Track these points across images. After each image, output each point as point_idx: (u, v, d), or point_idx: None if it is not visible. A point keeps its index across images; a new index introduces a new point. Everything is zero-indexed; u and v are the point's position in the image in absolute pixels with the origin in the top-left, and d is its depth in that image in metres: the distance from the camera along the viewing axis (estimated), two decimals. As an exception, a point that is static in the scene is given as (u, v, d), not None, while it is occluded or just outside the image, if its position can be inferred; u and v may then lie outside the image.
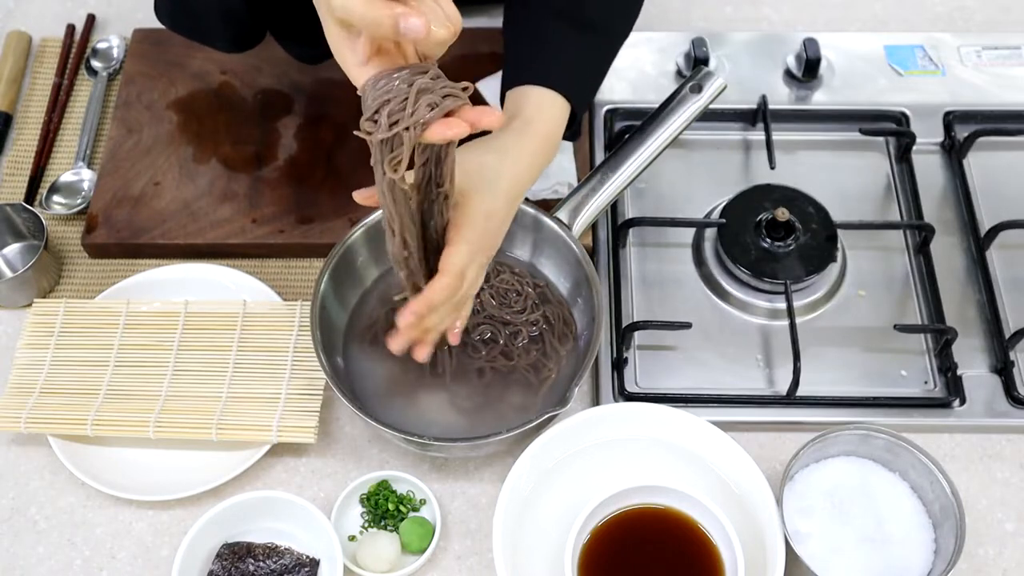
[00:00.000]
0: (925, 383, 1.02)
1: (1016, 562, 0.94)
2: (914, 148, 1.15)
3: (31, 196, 1.15)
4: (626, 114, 1.18)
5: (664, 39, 1.24)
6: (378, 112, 0.71)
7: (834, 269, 1.07)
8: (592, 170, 1.02)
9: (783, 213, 1.05)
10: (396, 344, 0.88)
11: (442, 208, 0.82)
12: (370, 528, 0.94)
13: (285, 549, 0.92)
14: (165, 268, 1.07)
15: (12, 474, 0.99)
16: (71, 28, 1.28)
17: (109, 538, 0.96)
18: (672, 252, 1.10)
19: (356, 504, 0.96)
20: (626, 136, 1.03)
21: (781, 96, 1.20)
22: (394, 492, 0.95)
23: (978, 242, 1.09)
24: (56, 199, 1.14)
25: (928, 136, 1.17)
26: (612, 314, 1.04)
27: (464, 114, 0.72)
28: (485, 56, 1.20)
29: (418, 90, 0.70)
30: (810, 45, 1.19)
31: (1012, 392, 1.00)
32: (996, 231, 1.08)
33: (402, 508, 0.94)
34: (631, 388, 1.01)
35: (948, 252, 1.09)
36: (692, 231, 1.11)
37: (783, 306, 1.03)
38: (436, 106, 0.71)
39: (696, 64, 1.18)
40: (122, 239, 1.09)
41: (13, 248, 1.12)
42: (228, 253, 1.09)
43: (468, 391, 0.97)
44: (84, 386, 1.00)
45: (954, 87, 1.21)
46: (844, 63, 1.22)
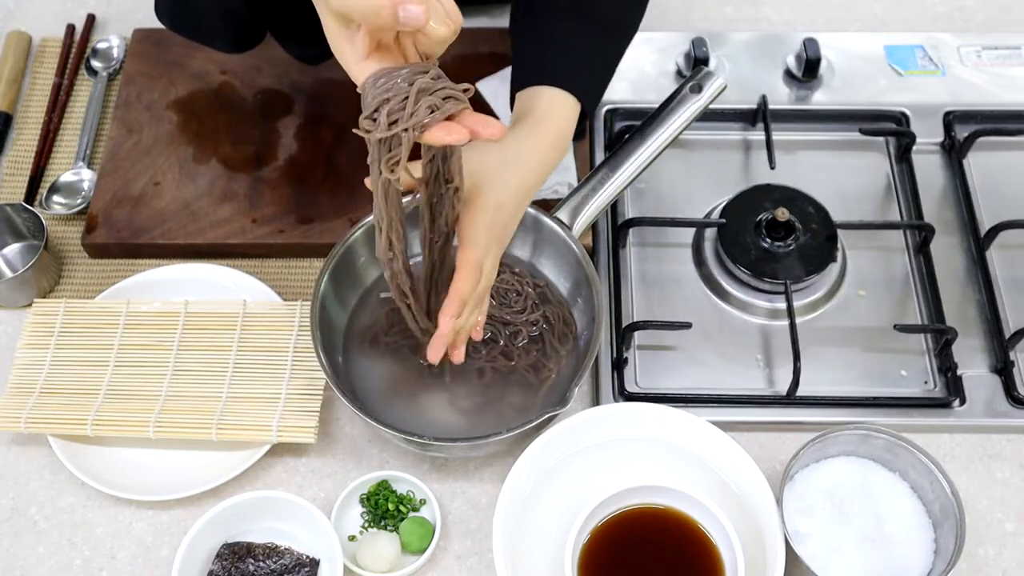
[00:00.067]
0: (925, 383, 1.02)
1: (1016, 562, 0.94)
2: (914, 148, 1.15)
3: (31, 196, 1.15)
4: (626, 114, 1.18)
5: (664, 39, 1.24)
6: (377, 111, 0.71)
7: (834, 269, 1.07)
8: (592, 170, 1.02)
9: (783, 213, 1.05)
10: (434, 352, 0.86)
11: (452, 201, 0.82)
12: (370, 528, 0.94)
13: (285, 549, 0.92)
14: (165, 268, 1.07)
15: (12, 474, 0.99)
16: (71, 28, 1.28)
17: (109, 538, 0.96)
18: (672, 252, 1.10)
19: (356, 504, 0.96)
20: (626, 136, 1.03)
21: (781, 96, 1.20)
22: (394, 492, 0.95)
23: (978, 242, 1.09)
24: (56, 199, 1.14)
25: (928, 136, 1.17)
26: (612, 314, 1.04)
27: (465, 120, 0.72)
28: (485, 56, 1.20)
29: (418, 90, 0.70)
30: (810, 45, 1.19)
31: (1012, 392, 1.00)
32: (996, 231, 1.08)
33: (402, 508, 0.94)
34: (631, 388, 1.01)
35: (948, 252, 1.09)
36: (692, 231, 1.11)
37: (783, 306, 1.03)
38: (436, 108, 0.70)
39: (696, 64, 1.18)
40: (122, 239, 1.09)
41: (13, 248, 1.12)
42: (228, 253, 1.09)
43: (468, 391, 0.97)
44: (84, 386, 1.00)
45: (954, 87, 1.21)
46: (844, 63, 1.22)
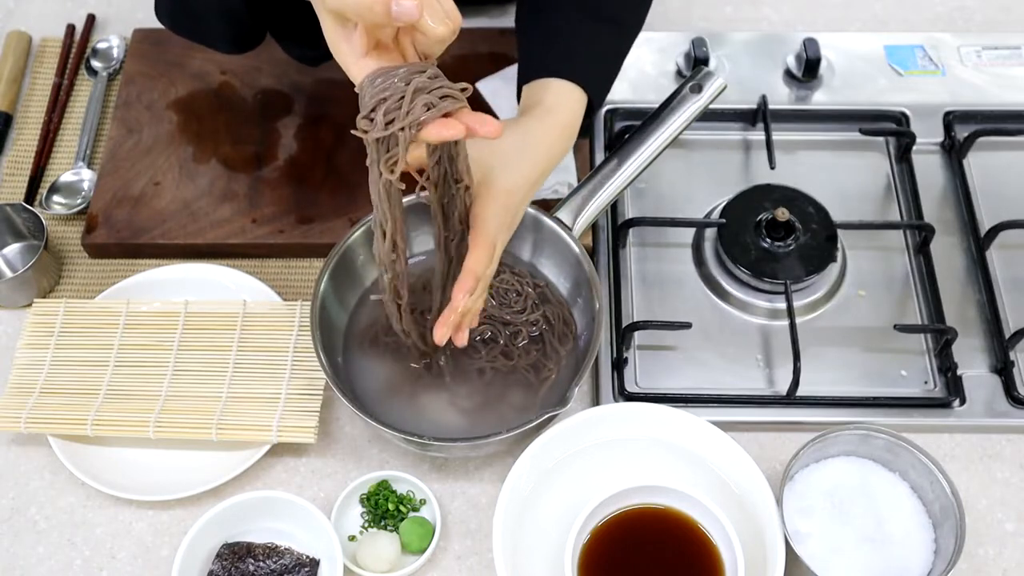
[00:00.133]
0: (925, 383, 1.02)
1: (1016, 562, 0.94)
2: (914, 148, 1.15)
3: (31, 196, 1.15)
4: (626, 114, 1.18)
5: (664, 39, 1.24)
6: (374, 110, 0.71)
7: (834, 269, 1.07)
8: (592, 170, 1.02)
9: (783, 213, 1.05)
10: (440, 332, 0.85)
11: (464, 199, 0.82)
12: (370, 528, 0.94)
13: (285, 549, 0.92)
14: (165, 268, 1.07)
15: (12, 474, 0.99)
16: (71, 28, 1.28)
17: (109, 538, 0.96)
18: (672, 252, 1.10)
19: (356, 504, 0.96)
20: (626, 136, 1.03)
21: (781, 96, 1.20)
22: (394, 492, 0.95)
23: (978, 242, 1.09)
24: (56, 199, 1.14)
25: (928, 136, 1.17)
26: (612, 314, 1.04)
27: (463, 117, 0.72)
28: (485, 56, 1.20)
29: (415, 89, 0.70)
30: (810, 45, 1.19)
31: (1012, 392, 1.00)
32: (996, 231, 1.08)
33: (402, 508, 0.94)
34: (631, 388, 1.01)
35: (948, 252, 1.09)
36: (692, 231, 1.11)
37: (783, 306, 1.03)
38: (432, 106, 0.70)
39: (696, 64, 1.18)
40: (122, 239, 1.09)
41: (13, 248, 1.12)
42: (228, 253, 1.09)
43: (468, 391, 0.97)
44: (84, 386, 1.00)
45: (954, 87, 1.21)
46: (844, 63, 1.22)
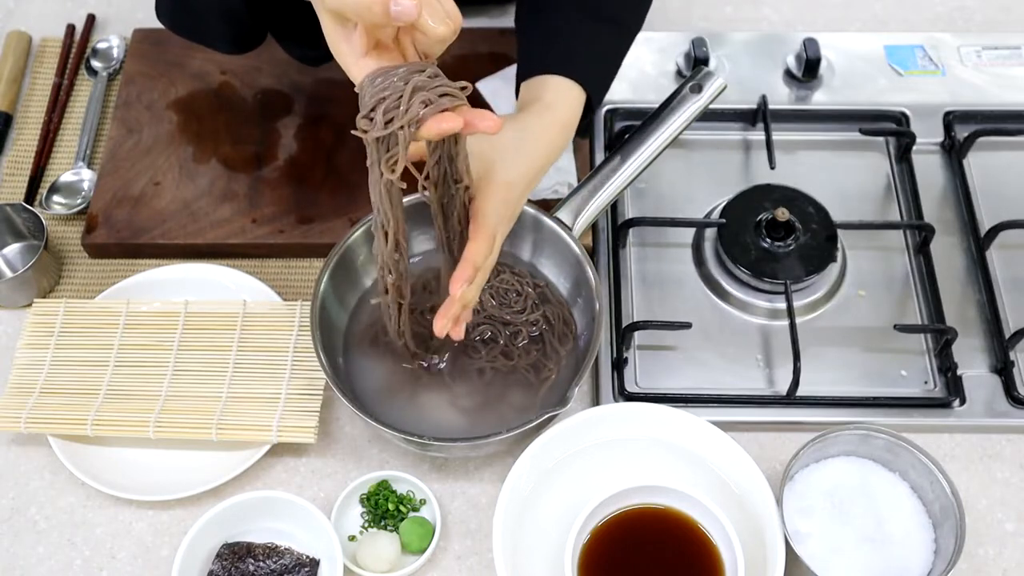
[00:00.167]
0: (925, 383, 1.02)
1: (1016, 562, 0.94)
2: (914, 148, 1.15)
3: (31, 196, 1.15)
4: (626, 114, 1.18)
5: (664, 39, 1.24)
6: (374, 110, 0.71)
7: (834, 269, 1.07)
8: (592, 170, 1.02)
9: (783, 213, 1.05)
10: (441, 323, 0.85)
11: (463, 199, 0.82)
12: (370, 528, 0.94)
13: (285, 549, 0.92)
14: (165, 268, 1.07)
15: (12, 474, 0.99)
16: (71, 28, 1.28)
17: (109, 538, 0.96)
18: (672, 252, 1.10)
19: (356, 504, 0.96)
20: (626, 136, 1.03)
21: (781, 96, 1.20)
22: (394, 492, 0.95)
23: (978, 242, 1.09)
24: (56, 199, 1.14)
25: (928, 136, 1.17)
26: (612, 314, 1.04)
27: (461, 112, 0.72)
28: (485, 56, 1.20)
29: (414, 87, 0.70)
30: (810, 45, 1.19)
31: (1012, 392, 1.00)
32: (996, 231, 1.08)
33: (402, 508, 0.94)
34: (631, 388, 1.01)
35: (948, 252, 1.09)
36: (692, 231, 1.11)
37: (783, 306, 1.03)
38: (430, 103, 0.70)
39: (696, 64, 1.18)
40: (122, 239, 1.09)
41: (13, 248, 1.12)
42: (228, 253, 1.09)
43: (468, 391, 0.97)
44: (84, 386, 1.00)
45: (954, 87, 1.21)
46: (844, 63, 1.22)
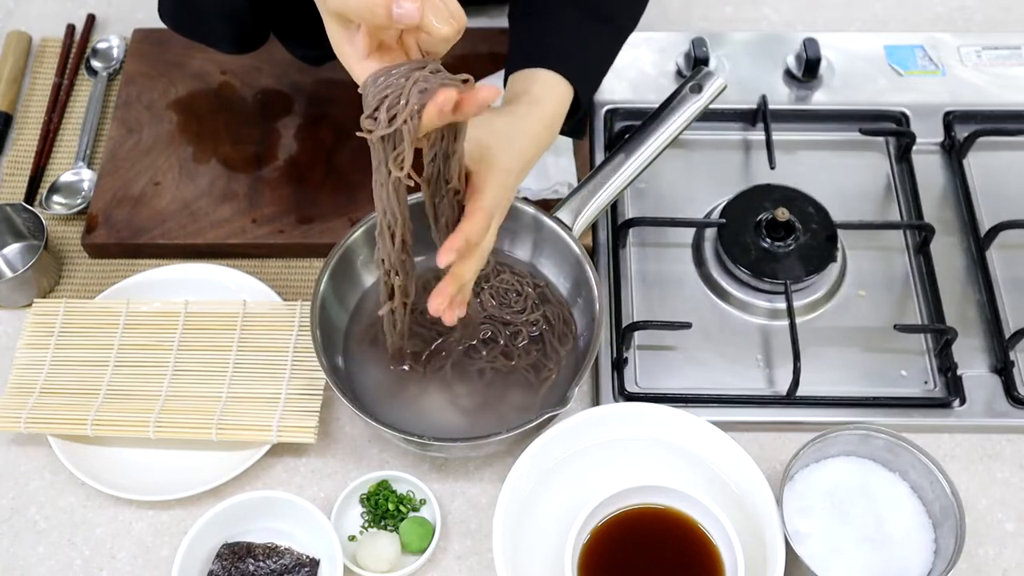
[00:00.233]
0: (925, 383, 1.02)
1: (1016, 562, 0.94)
2: (914, 148, 1.15)
3: (31, 196, 1.15)
4: (626, 114, 1.18)
5: (664, 39, 1.24)
6: (378, 109, 0.71)
7: (834, 269, 1.07)
8: (592, 170, 1.02)
9: (783, 213, 1.05)
10: (435, 303, 0.82)
11: (452, 204, 0.82)
12: (370, 528, 0.94)
13: (285, 549, 0.92)
14: (165, 268, 1.07)
15: (12, 474, 0.99)
16: (71, 28, 1.28)
17: (109, 538, 0.96)
18: (672, 252, 1.10)
19: (356, 504, 0.96)
20: (626, 136, 1.03)
21: (781, 96, 1.20)
22: (394, 492, 0.95)
23: (978, 242, 1.09)
24: (56, 199, 1.14)
25: (928, 136, 1.17)
26: (612, 314, 1.04)
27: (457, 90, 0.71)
28: (485, 56, 1.20)
29: (414, 83, 0.70)
30: (810, 45, 1.19)
31: (1012, 392, 1.00)
32: (996, 231, 1.08)
33: (402, 508, 0.94)
34: (631, 388, 1.01)
35: (948, 252, 1.09)
36: (692, 231, 1.11)
37: (783, 306, 1.03)
38: (426, 90, 0.70)
39: (696, 64, 1.18)
40: (122, 239, 1.09)
41: (13, 248, 1.12)
42: (228, 253, 1.09)
43: (468, 391, 0.97)
44: (84, 386, 1.00)
45: (954, 87, 1.21)
46: (844, 63, 1.22)
